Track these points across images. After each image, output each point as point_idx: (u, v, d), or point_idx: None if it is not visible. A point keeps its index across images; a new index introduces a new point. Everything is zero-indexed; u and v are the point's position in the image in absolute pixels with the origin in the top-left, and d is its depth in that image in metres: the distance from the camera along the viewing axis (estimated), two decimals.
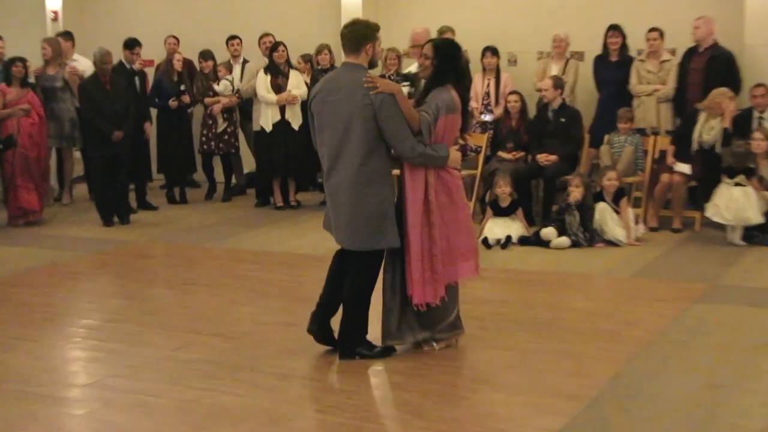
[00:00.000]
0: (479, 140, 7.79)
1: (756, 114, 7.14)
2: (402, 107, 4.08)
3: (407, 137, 4.08)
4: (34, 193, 8.13)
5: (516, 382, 4.15)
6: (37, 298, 6.02)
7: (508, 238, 6.62)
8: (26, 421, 3.80)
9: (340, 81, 4.25)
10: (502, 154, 7.66)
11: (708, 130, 7.00)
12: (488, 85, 8.15)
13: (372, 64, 4.36)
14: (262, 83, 8.33)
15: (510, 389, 4.06)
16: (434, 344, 4.38)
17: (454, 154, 4.30)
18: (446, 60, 4.27)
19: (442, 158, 4.18)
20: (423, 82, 4.44)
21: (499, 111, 7.95)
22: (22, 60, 8.30)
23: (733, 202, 6.47)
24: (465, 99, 4.59)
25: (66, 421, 3.89)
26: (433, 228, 4.20)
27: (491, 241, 6.63)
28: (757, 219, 6.45)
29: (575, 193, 6.69)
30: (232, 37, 9.11)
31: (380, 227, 4.20)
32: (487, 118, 8.07)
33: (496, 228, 6.81)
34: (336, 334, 4.30)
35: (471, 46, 7.79)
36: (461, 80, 4.47)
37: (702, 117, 7.06)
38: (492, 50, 8.18)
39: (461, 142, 4.90)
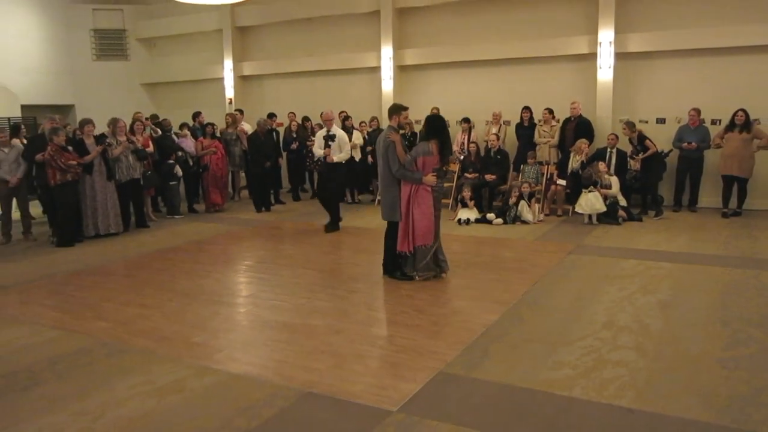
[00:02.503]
0: (455, 167, 10.15)
1: (608, 149, 9.37)
2: (397, 149, 5.86)
3: (395, 164, 5.88)
4: (219, 195, 11.01)
5: (472, 295, 5.59)
6: (220, 249, 8.06)
7: (468, 219, 9.07)
8: (213, 316, 5.28)
9: (382, 134, 6.13)
10: (467, 175, 10.03)
11: (575, 162, 9.19)
12: (464, 138, 10.56)
13: (400, 126, 6.19)
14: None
15: (469, 299, 5.49)
16: (416, 276, 6.07)
17: (428, 179, 5.79)
18: (430, 126, 5.98)
19: (415, 179, 5.82)
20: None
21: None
22: (212, 124, 11.17)
23: (589, 201, 8.70)
24: (446, 146, 5.96)
25: (234, 315, 5.34)
26: (410, 215, 5.97)
27: (462, 221, 9.06)
28: (603, 208, 8.71)
29: (513, 197, 9.12)
30: (342, 112, 11.63)
31: (394, 210, 6.06)
32: (461, 156, 10.33)
33: (463, 214, 9.22)
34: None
35: (453, 117, 10.86)
36: (439, 137, 5.93)
37: (572, 155, 9.29)
38: (465, 119, 10.68)
39: (445, 168, 6.15)
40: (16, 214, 9.19)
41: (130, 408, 3.68)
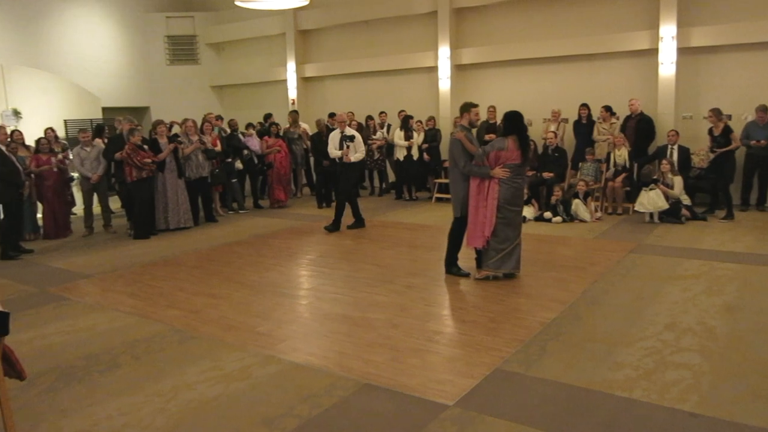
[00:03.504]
0: None
1: (669, 146, 8.96)
2: (465, 145, 5.79)
3: (461, 159, 5.85)
4: (282, 191, 11.18)
5: (529, 293, 5.49)
6: (283, 244, 8.16)
7: (524, 218, 8.30)
8: (276, 307, 5.41)
9: (452, 132, 6.18)
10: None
11: (618, 157, 9.18)
12: None
13: (471, 124, 5.99)
14: (398, 135, 11.15)
15: (526, 296, 5.40)
16: (486, 272, 5.90)
17: (496, 171, 5.68)
18: (508, 122, 5.81)
19: (483, 173, 5.73)
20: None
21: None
22: (276, 124, 11.35)
23: (650, 199, 8.38)
24: (525, 143, 5.80)
25: (296, 306, 5.44)
26: (479, 211, 5.84)
27: None
28: (665, 206, 8.36)
29: (559, 193, 8.94)
30: (382, 112, 12.06)
31: (463, 205, 6.03)
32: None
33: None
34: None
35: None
36: (517, 133, 5.78)
37: (614, 150, 9.24)
38: None
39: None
40: (97, 208, 9.62)
41: (200, 392, 3.79)
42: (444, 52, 12.20)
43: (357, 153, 8.76)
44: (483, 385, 3.74)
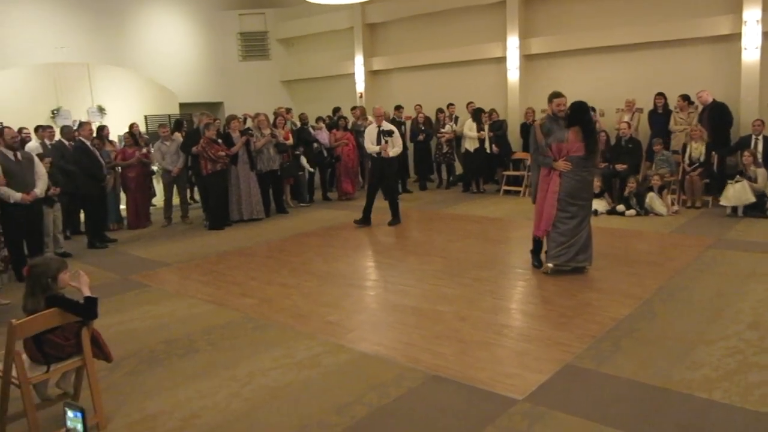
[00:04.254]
0: None
1: (754, 136, 8.46)
2: (536, 134, 5.78)
3: (531, 147, 5.93)
4: (350, 184, 11.37)
5: (602, 288, 5.33)
6: (351, 235, 8.26)
7: (596, 210, 8.32)
8: (345, 297, 5.47)
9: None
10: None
11: (694, 150, 8.73)
12: None
13: (555, 114, 5.79)
14: (469, 127, 11.01)
15: (598, 291, 5.24)
16: (550, 264, 5.77)
17: (558, 164, 5.59)
18: (571, 113, 5.66)
19: (546, 163, 5.71)
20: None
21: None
22: (344, 117, 11.57)
23: (737, 192, 7.96)
24: (590, 135, 5.63)
25: (364, 297, 5.51)
26: (544, 200, 5.77)
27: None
28: (752, 199, 7.91)
29: (631, 187, 8.53)
30: (451, 104, 11.91)
31: (534, 192, 5.99)
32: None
33: (593, 204, 8.06)
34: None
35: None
36: (581, 125, 5.61)
37: (691, 143, 8.78)
38: (592, 108, 10.04)
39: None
40: (175, 199, 10.03)
41: (272, 378, 3.91)
42: (513, 42, 11.95)
43: (395, 147, 8.67)
44: (553, 381, 3.67)
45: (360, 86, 14.56)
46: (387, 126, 8.71)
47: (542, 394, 3.50)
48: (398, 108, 11.90)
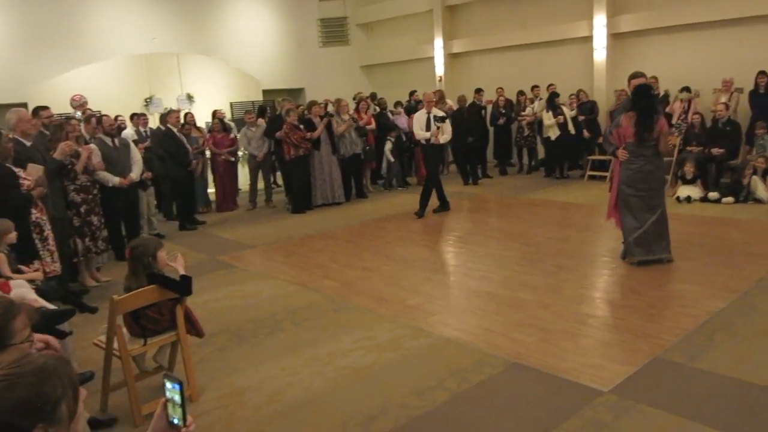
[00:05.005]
0: (675, 140, 9.02)
1: None
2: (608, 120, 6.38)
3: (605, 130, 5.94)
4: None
5: (694, 279, 5.07)
6: (430, 220, 8.28)
7: (689, 197, 8.20)
8: (425, 282, 5.50)
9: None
10: (689, 148, 8.98)
11: None
12: (684, 108, 9.47)
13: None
14: (545, 114, 10.64)
15: (690, 283, 4.98)
16: (629, 255, 5.51)
17: (619, 153, 5.37)
18: (632, 96, 5.40)
19: (610, 152, 5.60)
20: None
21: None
22: (422, 101, 12.05)
23: None
24: (642, 122, 5.25)
25: (444, 282, 5.45)
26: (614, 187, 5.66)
27: (681, 198, 8.23)
28: None
29: (746, 175, 8.01)
30: (535, 86, 11.58)
31: None
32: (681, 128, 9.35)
33: (684, 191, 8.36)
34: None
35: (673, 86, 9.84)
36: (638, 109, 5.28)
37: None
38: (685, 88, 9.54)
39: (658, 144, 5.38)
40: (260, 183, 10.36)
41: (353, 359, 4.00)
42: (600, 20, 11.42)
43: (445, 134, 8.46)
44: (641, 374, 3.54)
45: (439, 70, 14.41)
46: (438, 112, 8.58)
47: (629, 387, 3.39)
48: (478, 91, 11.69)
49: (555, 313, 4.58)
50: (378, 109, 11.35)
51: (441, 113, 8.57)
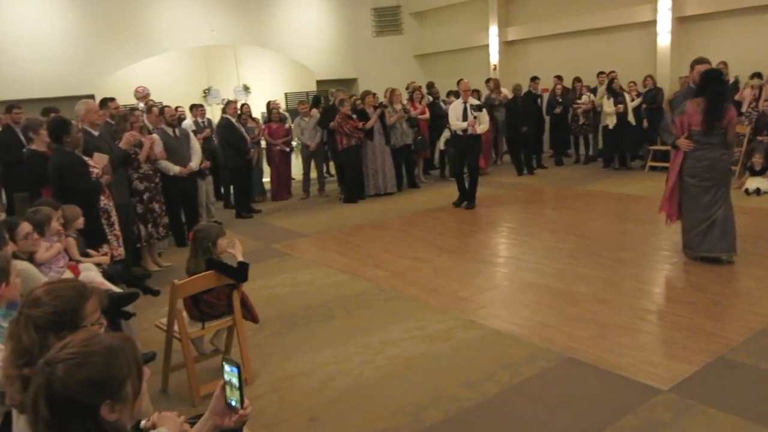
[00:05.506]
0: (743, 129, 8.66)
1: None
2: (666, 109, 6.12)
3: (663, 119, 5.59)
4: (483, 159, 10.60)
5: (763, 276, 4.83)
6: (483, 211, 8.20)
7: (758, 190, 7.84)
8: (476, 273, 5.53)
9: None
10: (759, 138, 8.56)
11: None
12: (755, 95, 9.01)
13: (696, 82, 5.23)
14: (606, 101, 10.27)
15: (759, 280, 4.77)
16: (689, 252, 5.29)
17: (680, 142, 5.11)
18: (700, 82, 5.12)
19: (670, 141, 5.31)
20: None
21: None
22: (477, 91, 10.94)
23: None
24: (711, 109, 4.95)
25: (496, 274, 5.49)
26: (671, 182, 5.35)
27: (750, 191, 7.89)
28: None
29: None
30: (601, 72, 11.11)
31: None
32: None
33: (753, 183, 8.01)
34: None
35: (744, 71, 9.43)
36: (706, 95, 5.00)
37: None
38: (757, 74, 9.14)
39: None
40: (313, 173, 10.48)
41: (404, 348, 4.02)
42: (664, 3, 10.95)
43: (482, 124, 8.24)
44: (703, 373, 3.41)
45: (494, 58, 14.19)
46: (474, 101, 8.40)
47: (690, 386, 3.28)
48: (534, 79, 11.45)
49: (612, 307, 4.46)
50: (431, 98, 11.28)
51: (477, 102, 8.40)
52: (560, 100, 11.40)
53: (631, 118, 10.26)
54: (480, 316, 4.48)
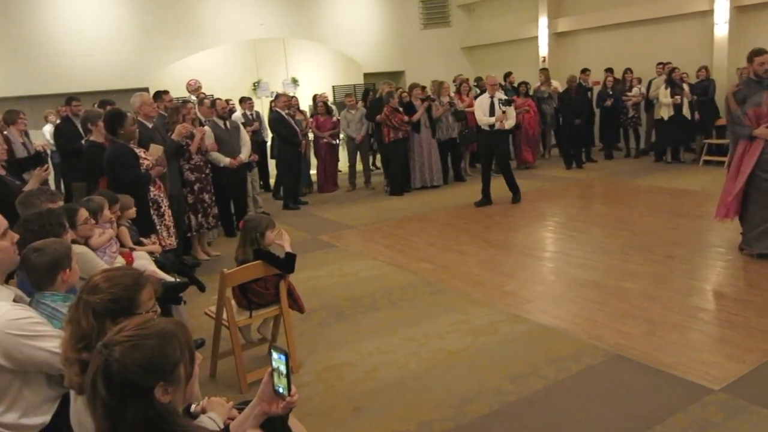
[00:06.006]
0: None
1: None
2: (729, 102, 5.19)
3: (726, 117, 5.42)
4: (530, 152, 11.06)
5: None
6: (530, 205, 8.04)
7: None
8: (523, 268, 5.39)
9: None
10: None
11: None
12: None
13: (758, 76, 5.08)
14: (663, 92, 9.91)
15: None
16: (749, 249, 5.17)
17: (760, 131, 4.93)
18: None
19: (743, 134, 5.06)
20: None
21: None
22: (525, 83, 11.02)
23: None
24: None
25: (543, 268, 5.45)
26: (736, 176, 5.15)
27: None
28: None
29: None
30: (659, 63, 10.58)
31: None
32: None
33: None
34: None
35: None
36: None
37: None
38: None
39: None
40: (359, 166, 10.55)
41: (449, 341, 4.01)
42: None
43: (509, 120, 7.93)
44: (758, 373, 3.29)
45: (543, 50, 13.93)
46: (501, 95, 8.09)
47: (743, 387, 3.17)
48: (584, 71, 11.18)
49: (662, 304, 4.34)
50: (479, 91, 11.16)
51: (505, 96, 8.14)
52: (611, 92, 11.08)
53: (686, 111, 9.89)
54: (526, 311, 4.43)
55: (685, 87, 9.98)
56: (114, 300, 1.84)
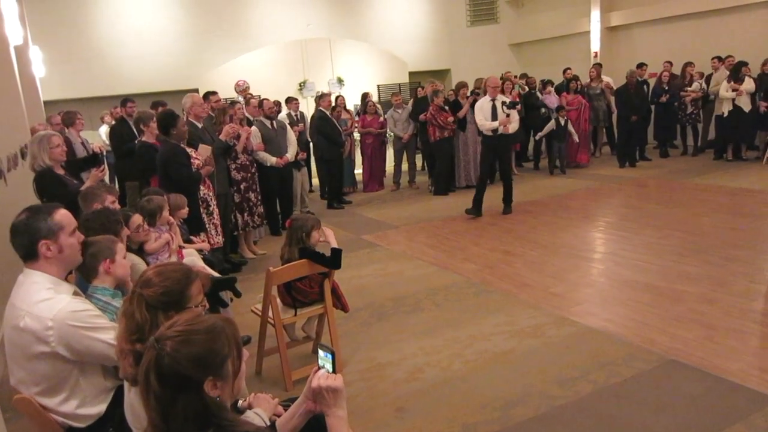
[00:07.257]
0: None
1: None
2: None
3: None
4: (586, 153, 10.84)
5: None
6: (580, 205, 7.95)
7: None
8: (572, 269, 5.26)
9: None
10: None
11: None
12: None
13: None
14: (725, 86, 9.56)
15: None
16: None
17: None
18: None
19: None
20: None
21: None
22: (577, 78, 10.75)
23: None
24: None
25: (592, 270, 5.25)
26: None
27: None
28: None
29: None
30: (714, 58, 10.40)
31: None
32: None
33: None
34: None
35: None
36: None
37: None
38: None
39: None
40: (404, 165, 10.56)
41: (493, 343, 3.97)
42: None
43: (513, 123, 7.58)
44: None
45: (595, 45, 13.60)
46: (504, 98, 7.76)
47: None
48: (641, 66, 10.85)
49: (721, 309, 4.19)
50: (526, 88, 11.02)
51: (508, 99, 7.81)
52: (666, 87, 10.73)
53: (747, 103, 9.50)
54: (574, 313, 4.35)
55: (749, 80, 9.56)
56: (165, 293, 1.91)
